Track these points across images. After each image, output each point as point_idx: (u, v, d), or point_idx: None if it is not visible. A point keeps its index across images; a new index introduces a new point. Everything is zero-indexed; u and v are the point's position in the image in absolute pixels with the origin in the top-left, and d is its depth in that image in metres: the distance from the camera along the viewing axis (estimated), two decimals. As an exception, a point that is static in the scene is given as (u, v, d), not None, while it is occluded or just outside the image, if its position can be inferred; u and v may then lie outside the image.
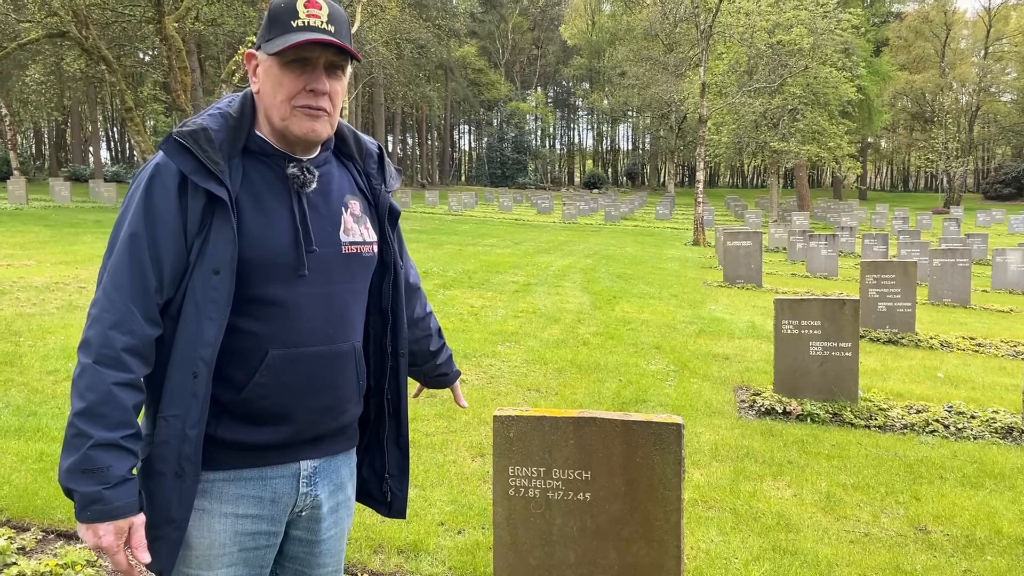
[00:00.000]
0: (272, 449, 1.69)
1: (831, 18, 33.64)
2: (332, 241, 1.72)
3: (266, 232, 1.63)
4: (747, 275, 15.09)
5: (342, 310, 1.74)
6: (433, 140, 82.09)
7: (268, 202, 1.66)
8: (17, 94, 42.00)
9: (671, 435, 2.53)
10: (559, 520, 2.64)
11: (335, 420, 1.77)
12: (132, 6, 27.52)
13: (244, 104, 1.71)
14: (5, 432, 4.93)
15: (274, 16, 1.65)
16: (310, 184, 1.70)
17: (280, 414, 1.67)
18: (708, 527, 4.06)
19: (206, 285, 1.57)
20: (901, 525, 4.19)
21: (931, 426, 5.89)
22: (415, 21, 46.77)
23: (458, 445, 5.11)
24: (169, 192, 1.59)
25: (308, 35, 1.60)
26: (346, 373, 1.76)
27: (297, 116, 1.65)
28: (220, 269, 1.57)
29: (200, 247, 1.58)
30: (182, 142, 1.59)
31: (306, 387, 1.68)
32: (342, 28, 1.66)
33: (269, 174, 1.69)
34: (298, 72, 1.64)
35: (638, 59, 57.69)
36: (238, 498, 1.68)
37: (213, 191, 1.57)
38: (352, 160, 1.86)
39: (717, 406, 6.30)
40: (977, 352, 9.19)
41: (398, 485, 1.98)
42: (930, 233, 34.21)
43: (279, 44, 1.61)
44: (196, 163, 1.58)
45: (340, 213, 1.76)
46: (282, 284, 1.64)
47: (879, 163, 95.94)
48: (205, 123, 1.64)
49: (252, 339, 1.63)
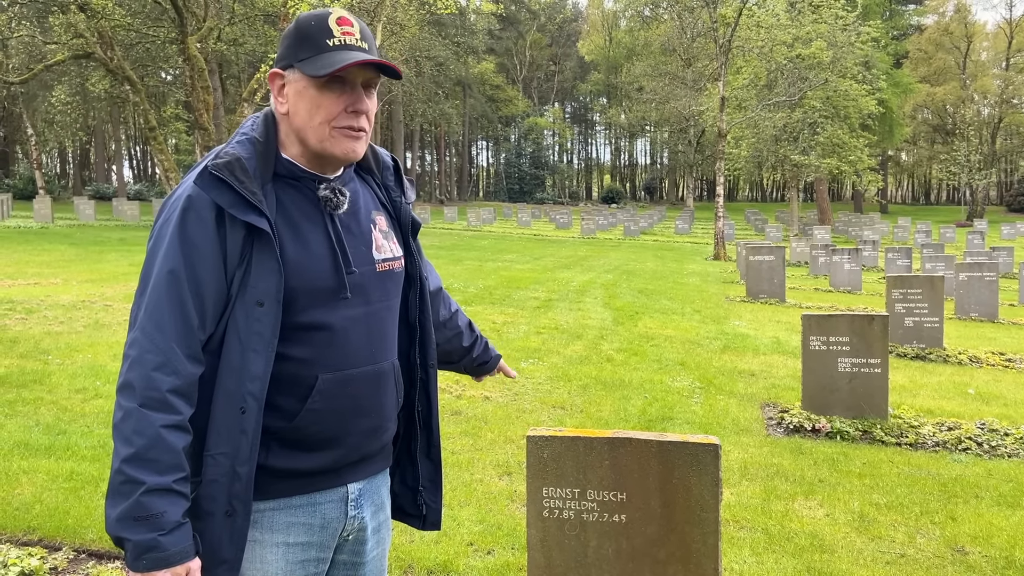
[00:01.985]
0: (320, 474, 1.67)
1: (851, 31, 33.54)
2: (367, 260, 1.71)
3: (306, 258, 1.60)
4: (770, 290, 14.98)
5: (381, 328, 1.73)
6: (451, 156, 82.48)
7: (304, 227, 1.63)
8: (43, 114, 42.73)
9: (708, 456, 2.49)
10: (594, 542, 2.61)
11: (379, 440, 1.76)
12: (156, 27, 27.95)
13: (268, 127, 1.67)
14: (35, 451, 4.96)
15: (305, 34, 1.60)
16: (343, 205, 1.68)
17: (331, 438, 1.65)
18: (741, 548, 4.00)
19: (249, 318, 1.54)
20: (937, 546, 4.11)
21: (964, 444, 5.80)
22: (434, 39, 47.21)
23: (484, 464, 5.08)
24: (207, 225, 1.53)
25: (355, 55, 1.57)
26: (388, 391, 1.74)
27: (336, 137, 1.62)
28: (264, 301, 1.54)
29: (241, 279, 1.54)
30: (219, 175, 1.54)
31: (354, 409, 1.67)
32: (373, 44, 1.63)
33: (301, 198, 1.65)
34: (338, 93, 1.60)
35: (656, 74, 57.74)
36: (289, 526, 1.65)
37: (255, 223, 1.53)
38: (371, 174, 1.84)
39: (745, 424, 6.23)
40: (1008, 367, 9.05)
41: (432, 497, 1.95)
42: (954, 247, 33.86)
43: (323, 66, 1.56)
44: (234, 196, 1.53)
45: (370, 231, 1.74)
46: (326, 308, 1.62)
47: (900, 176, 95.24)
48: (237, 152, 1.59)
49: (301, 366, 1.60)
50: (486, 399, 6.66)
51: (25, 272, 13.85)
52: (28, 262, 15.60)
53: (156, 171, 62.40)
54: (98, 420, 5.66)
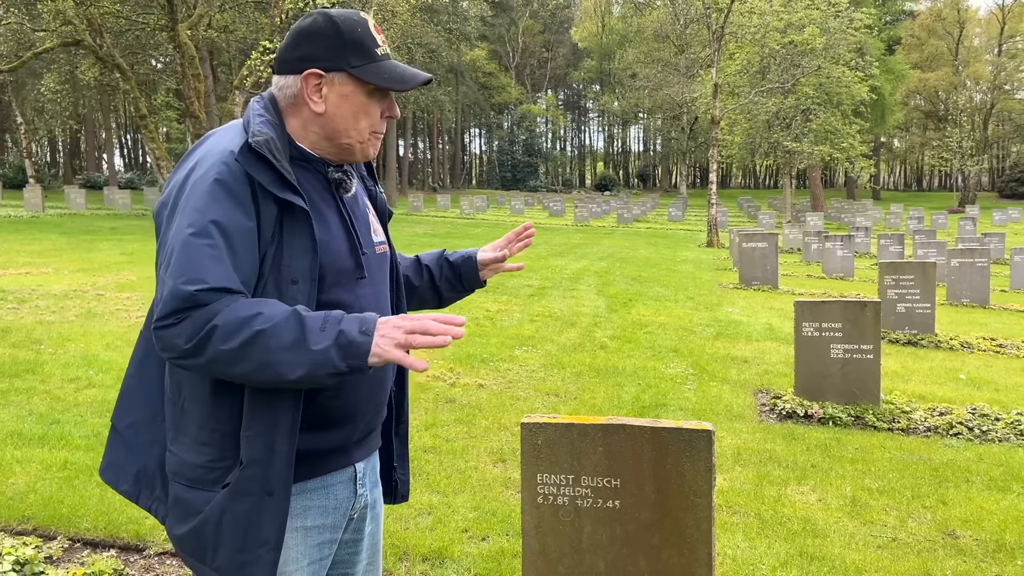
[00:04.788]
0: (332, 454, 1.70)
1: (843, 17, 33.50)
2: (370, 243, 1.77)
3: (329, 238, 1.64)
4: (763, 277, 15.02)
5: (385, 307, 1.79)
6: (444, 144, 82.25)
7: (323, 208, 1.67)
8: (32, 103, 42.41)
9: (702, 442, 2.51)
10: (588, 528, 2.62)
11: (381, 414, 1.82)
12: (146, 14, 27.71)
13: (270, 107, 1.68)
14: (29, 440, 4.96)
15: (352, 39, 1.62)
16: (351, 188, 1.74)
17: (349, 412, 1.69)
18: (734, 533, 4.03)
19: (284, 296, 1.54)
20: (929, 530, 4.15)
21: (955, 429, 5.84)
22: (426, 26, 46.94)
23: (479, 451, 5.09)
24: (242, 199, 1.52)
25: (411, 72, 1.67)
26: (388, 368, 1.79)
27: (372, 142, 1.70)
28: (298, 279, 1.56)
29: (273, 257, 1.55)
30: (260, 152, 1.55)
31: (368, 385, 1.70)
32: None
33: (315, 181, 1.69)
34: (380, 100, 1.68)
35: (649, 61, 57.61)
36: (306, 510, 1.68)
37: (292, 201, 1.55)
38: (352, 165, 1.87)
39: (738, 410, 6.26)
40: (999, 353, 9.10)
41: (402, 471, 2.00)
42: (946, 233, 33.97)
43: (389, 79, 1.63)
44: (274, 173, 1.55)
45: (367, 215, 1.80)
46: (346, 288, 1.66)
47: (892, 163, 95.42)
48: (269, 132, 1.59)
49: None
50: (480, 386, 6.67)
51: (16, 261, 13.78)
52: (19, 251, 15.52)
53: (147, 159, 62.12)
54: (91, 409, 5.65)
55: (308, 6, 22.03)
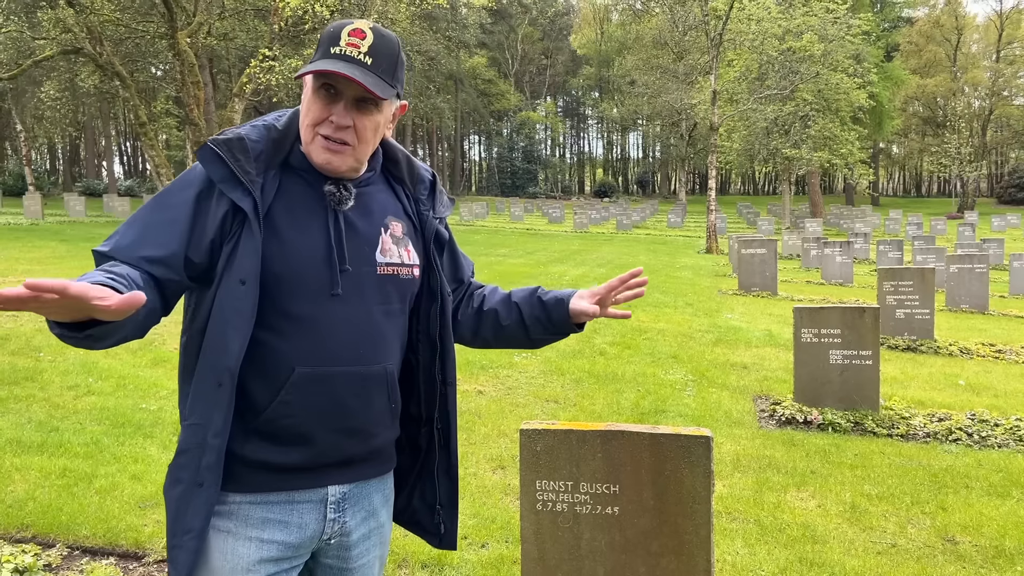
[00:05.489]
0: (299, 472, 1.65)
1: (841, 24, 33.58)
2: (368, 260, 1.69)
3: (299, 247, 1.61)
4: (762, 283, 15.02)
5: (374, 331, 1.69)
6: (444, 151, 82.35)
7: (303, 217, 1.64)
8: (32, 110, 42.50)
9: (700, 448, 2.51)
10: (587, 534, 2.62)
11: (364, 443, 1.71)
12: (146, 22, 27.77)
13: (293, 119, 1.70)
14: (28, 448, 4.95)
15: (321, 39, 1.64)
16: (346, 202, 1.68)
17: (304, 434, 1.63)
18: (733, 539, 4.03)
19: (232, 295, 1.55)
20: (928, 536, 4.15)
21: (954, 434, 5.84)
22: (425, 33, 47.11)
23: (478, 457, 5.09)
24: (189, 192, 1.60)
25: (331, 65, 1.57)
26: (375, 396, 1.69)
27: (317, 145, 1.64)
28: (246, 280, 1.55)
29: (229, 256, 1.57)
30: (216, 150, 1.58)
31: (332, 408, 1.63)
32: (382, 62, 1.62)
33: (307, 190, 1.66)
34: (326, 100, 1.62)
35: (648, 68, 57.76)
36: (264, 522, 1.64)
37: (237, 201, 1.56)
38: (402, 184, 1.84)
39: (737, 416, 6.26)
40: (998, 359, 9.10)
41: (449, 516, 1.93)
42: (945, 239, 34.00)
43: (306, 68, 1.60)
44: (227, 171, 1.57)
45: (379, 233, 1.72)
46: (313, 301, 1.61)
47: (891, 169, 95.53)
48: (244, 132, 1.63)
49: (279, 355, 1.60)
50: (480, 393, 6.67)
51: (15, 269, 13.79)
52: (18, 259, 15.52)
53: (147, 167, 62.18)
54: (90, 417, 5.65)
55: (307, 14, 22.08)
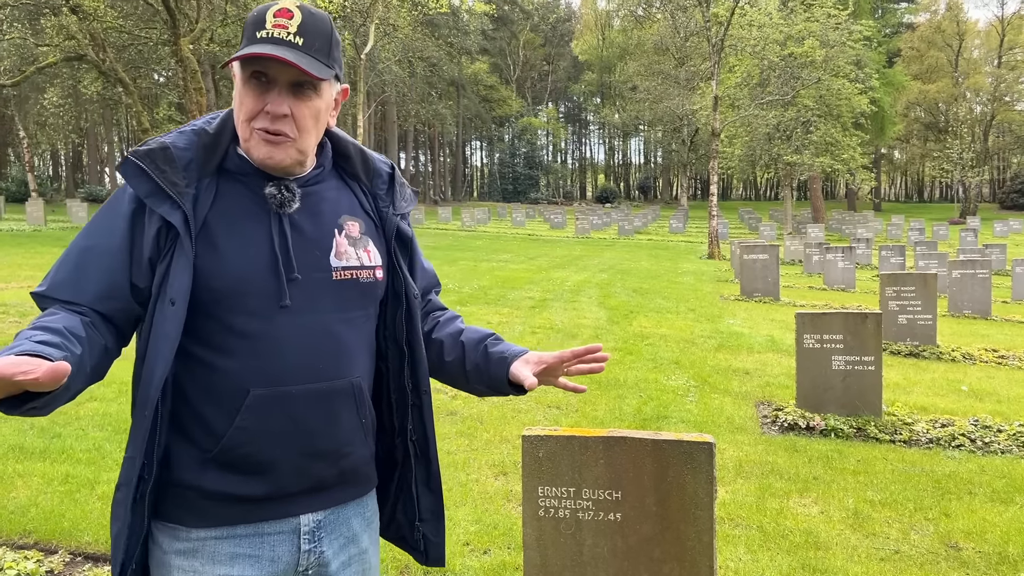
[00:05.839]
0: (266, 502, 1.52)
1: (843, 30, 33.63)
2: (320, 266, 1.54)
3: (240, 258, 1.47)
4: (764, 288, 15.02)
5: (334, 343, 1.54)
6: (445, 156, 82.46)
7: (244, 225, 1.50)
8: (35, 117, 42.63)
9: (703, 454, 2.51)
10: (590, 541, 2.62)
11: (334, 465, 1.57)
12: (148, 29, 27.87)
13: (227, 120, 1.56)
14: (30, 454, 4.95)
15: (246, 25, 1.50)
16: (290, 204, 1.53)
17: (266, 461, 1.49)
18: (736, 545, 4.02)
19: (162, 317, 1.43)
20: (931, 542, 4.13)
21: (957, 440, 5.82)
22: (427, 40, 47.16)
23: (480, 464, 5.09)
24: (123, 212, 1.48)
25: (260, 48, 1.43)
26: (342, 412, 1.55)
27: (255, 140, 1.50)
28: (176, 300, 1.42)
29: (163, 275, 1.45)
30: (138, 163, 1.46)
31: (294, 430, 1.49)
32: (315, 41, 1.48)
33: (246, 194, 1.52)
34: (260, 91, 1.47)
35: (649, 73, 57.82)
36: (233, 558, 1.51)
37: (167, 216, 1.44)
38: (357, 180, 1.69)
39: (739, 422, 6.25)
40: (1000, 364, 9.09)
41: (433, 531, 1.79)
42: (947, 244, 33.98)
43: (231, 57, 1.46)
44: (152, 185, 1.45)
45: (332, 235, 1.57)
46: (261, 316, 1.47)
47: (893, 174, 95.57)
48: (168, 141, 1.50)
49: (231, 378, 1.46)
50: (481, 399, 6.66)
51: (18, 275, 13.81)
52: (21, 265, 15.55)
53: (149, 173, 62.17)
54: (92, 423, 5.66)
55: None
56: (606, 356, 1.70)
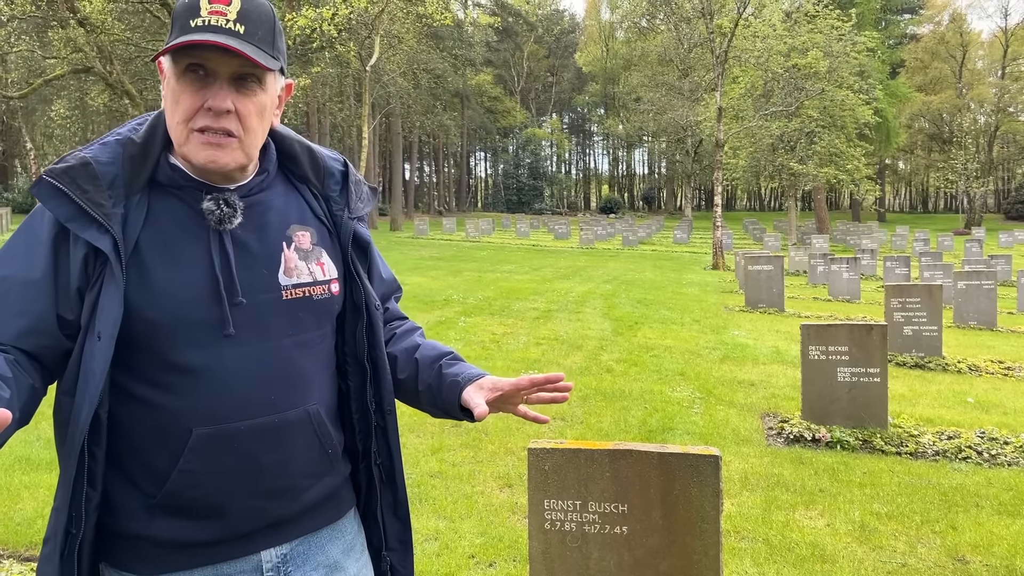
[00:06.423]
0: (221, 544, 1.38)
1: (846, 41, 33.72)
2: (268, 286, 1.39)
3: (176, 284, 1.32)
4: (769, 299, 15.00)
5: (287, 370, 1.39)
6: (450, 167, 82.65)
7: (179, 246, 1.34)
8: (42, 128, 42.83)
9: (709, 467, 2.51)
10: (596, 554, 2.62)
11: (294, 502, 1.43)
12: (155, 41, 28.02)
13: (156, 125, 1.39)
14: (36, 466, 4.96)
15: (175, 15, 1.33)
16: (231, 219, 1.37)
17: (216, 504, 1.35)
18: (742, 558, 4.01)
19: (89, 353, 1.29)
20: (938, 555, 4.12)
21: (964, 452, 5.80)
22: (432, 51, 47.36)
23: (485, 475, 5.09)
24: (42, 237, 1.32)
25: (197, 36, 1.27)
26: (299, 445, 1.41)
27: (194, 143, 1.33)
28: (102, 333, 1.28)
29: (93, 306, 1.30)
30: (55, 183, 1.29)
31: (245, 470, 1.35)
32: (257, 28, 1.33)
33: (181, 210, 1.36)
34: (197, 86, 1.31)
35: (653, 84, 57.95)
36: None
37: (93, 242, 1.28)
38: (306, 182, 1.52)
39: (745, 434, 6.24)
40: (1007, 376, 9.06)
41: (400, 561, 1.64)
42: (952, 255, 33.91)
43: (163, 48, 1.31)
44: (73, 208, 1.28)
45: (279, 250, 1.42)
46: (202, 347, 1.32)
47: (897, 185, 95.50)
48: (89, 155, 1.33)
49: (171, 417, 1.32)
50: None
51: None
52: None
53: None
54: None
55: (315, 32, 22.26)
56: (569, 386, 1.53)
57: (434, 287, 16.57)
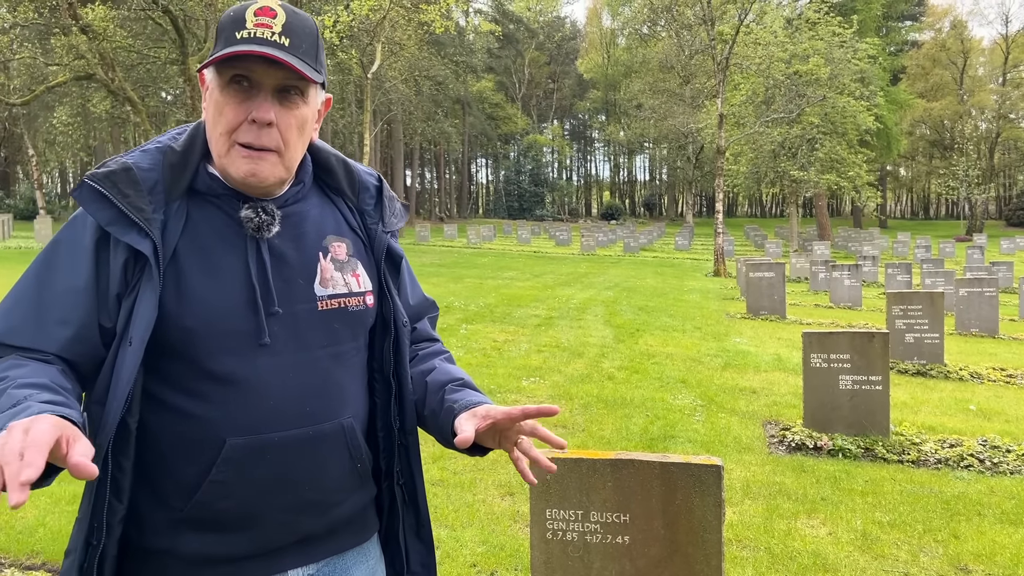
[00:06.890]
0: (248, 560, 1.37)
1: (848, 48, 33.77)
2: (304, 297, 1.39)
3: (213, 292, 1.32)
4: (770, 306, 14.99)
5: (322, 381, 1.39)
6: (451, 174, 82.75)
7: (217, 254, 1.35)
8: (44, 135, 42.96)
9: (711, 477, 2.51)
10: (598, 564, 2.62)
11: (324, 516, 1.42)
12: (157, 48, 28.15)
13: (195, 135, 1.41)
14: (38, 473, 4.96)
15: (220, 27, 1.35)
16: (270, 227, 1.37)
17: (246, 516, 1.34)
18: (744, 567, 4.00)
19: (120, 360, 1.29)
20: (941, 565, 4.11)
21: (966, 461, 5.79)
22: (433, 58, 47.48)
23: (486, 484, 5.08)
24: (84, 243, 1.33)
25: (244, 47, 1.29)
26: (332, 459, 1.40)
27: (234, 155, 1.34)
28: (133, 339, 1.28)
29: (129, 312, 1.30)
30: (98, 187, 1.30)
31: (277, 482, 1.35)
32: (301, 41, 1.34)
33: (219, 218, 1.37)
34: (241, 97, 1.32)
35: (654, 91, 58.09)
36: None
37: (135, 245, 1.29)
38: (342, 195, 1.53)
39: (747, 442, 6.23)
40: (1009, 383, 9.05)
41: None
42: (954, 261, 33.91)
43: (209, 58, 1.32)
44: (115, 212, 1.29)
45: (315, 260, 1.42)
46: (238, 356, 1.32)
47: (899, 191, 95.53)
48: (131, 161, 1.35)
49: (205, 426, 1.31)
50: (488, 418, 6.65)
51: (26, 293, 13.87)
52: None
53: (157, 190, 62.42)
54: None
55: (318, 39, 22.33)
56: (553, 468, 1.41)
57: (435, 294, 16.55)
